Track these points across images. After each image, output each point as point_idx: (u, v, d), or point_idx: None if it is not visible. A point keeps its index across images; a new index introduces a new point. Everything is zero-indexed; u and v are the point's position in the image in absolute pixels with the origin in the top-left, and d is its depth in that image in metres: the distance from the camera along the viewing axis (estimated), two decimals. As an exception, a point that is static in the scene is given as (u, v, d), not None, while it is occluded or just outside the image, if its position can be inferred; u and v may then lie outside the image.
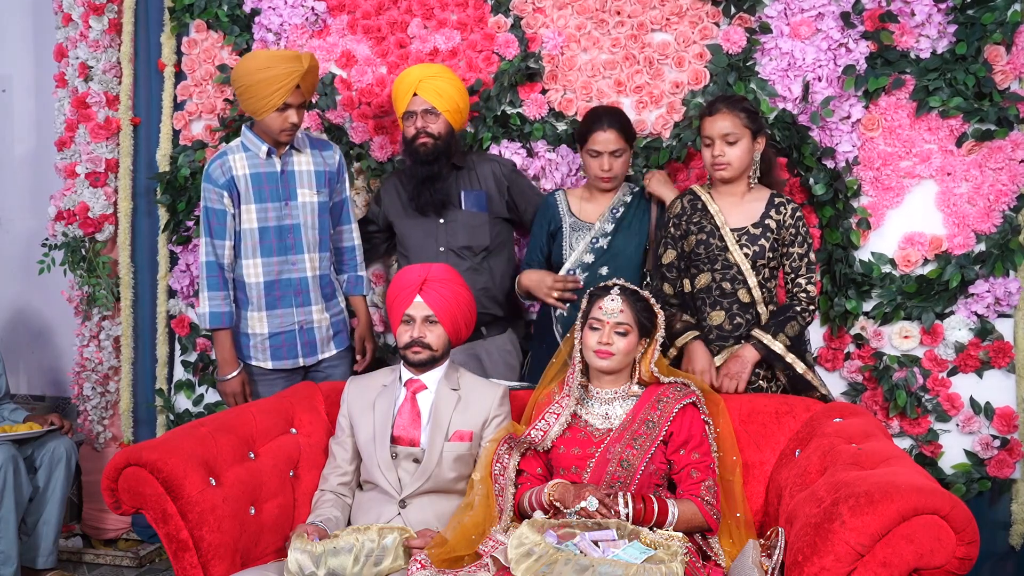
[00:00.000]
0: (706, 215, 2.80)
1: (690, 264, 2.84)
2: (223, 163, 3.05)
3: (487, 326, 3.13)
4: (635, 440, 2.35)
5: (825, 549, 1.93)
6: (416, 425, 2.54)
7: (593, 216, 3.05)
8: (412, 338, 2.55)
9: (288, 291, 3.09)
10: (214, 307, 3.05)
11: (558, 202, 3.13)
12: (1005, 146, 3.03)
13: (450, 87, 3.09)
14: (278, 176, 3.07)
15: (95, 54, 3.73)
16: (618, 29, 3.30)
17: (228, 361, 3.08)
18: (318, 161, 3.13)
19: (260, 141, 3.05)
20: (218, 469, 2.38)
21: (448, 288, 2.58)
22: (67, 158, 3.81)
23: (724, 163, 2.73)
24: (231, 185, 3.04)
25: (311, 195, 3.09)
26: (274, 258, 3.07)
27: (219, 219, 3.04)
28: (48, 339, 4.29)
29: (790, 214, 2.75)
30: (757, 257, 2.74)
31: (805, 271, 2.74)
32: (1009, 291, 3.04)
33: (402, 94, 3.10)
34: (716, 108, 2.75)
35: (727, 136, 2.72)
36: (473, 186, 3.18)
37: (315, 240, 3.11)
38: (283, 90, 2.89)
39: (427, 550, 2.23)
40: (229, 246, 3.06)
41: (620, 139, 2.94)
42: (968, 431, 3.10)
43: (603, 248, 3.01)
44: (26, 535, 3.38)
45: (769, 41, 3.18)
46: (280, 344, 3.11)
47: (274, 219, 3.06)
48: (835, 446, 2.27)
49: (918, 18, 3.05)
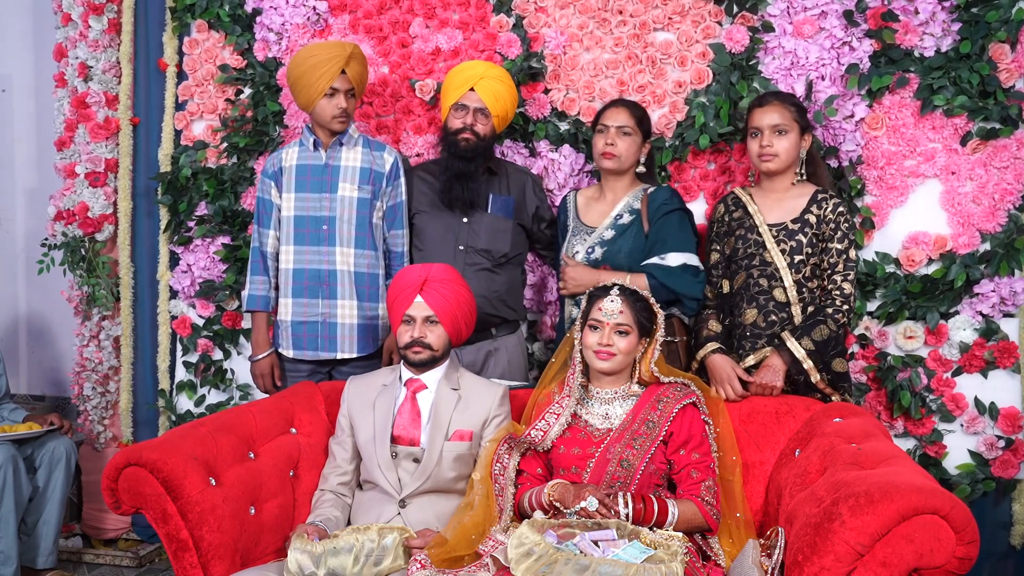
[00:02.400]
0: (746, 213, 2.81)
1: (731, 263, 2.83)
2: (277, 155, 3.16)
3: (497, 327, 3.11)
4: (635, 440, 2.34)
5: (825, 549, 1.92)
6: (416, 425, 2.54)
7: (597, 218, 3.01)
8: (412, 338, 2.54)
9: (315, 281, 3.08)
10: (252, 290, 3.17)
11: (568, 203, 3.11)
12: (1010, 144, 3.02)
13: (507, 92, 3.05)
14: (323, 168, 3.09)
15: (95, 54, 3.74)
16: (620, 28, 3.29)
17: (259, 343, 3.19)
18: (367, 159, 3.12)
19: (310, 134, 3.11)
20: (218, 469, 2.38)
21: (449, 288, 2.57)
22: (67, 158, 3.81)
23: (771, 154, 2.74)
24: (277, 175, 3.12)
25: (352, 190, 3.08)
26: (306, 247, 3.09)
27: (266, 209, 3.14)
28: (48, 339, 4.29)
29: (831, 209, 2.73)
30: (795, 253, 2.72)
31: (843, 268, 2.71)
32: (1014, 291, 3.02)
33: (458, 84, 3.03)
34: (767, 100, 2.78)
35: (777, 127, 2.73)
36: (503, 191, 3.13)
37: (350, 235, 3.08)
38: (328, 74, 2.97)
39: (427, 550, 2.22)
40: (274, 235, 3.15)
41: (630, 118, 2.92)
42: (973, 431, 3.09)
43: (597, 260, 2.93)
44: (26, 535, 3.38)
45: (772, 40, 3.17)
46: (302, 334, 3.11)
47: (311, 209, 3.08)
48: (835, 446, 2.26)
49: (922, 16, 3.03)
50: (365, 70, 3.11)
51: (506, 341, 3.12)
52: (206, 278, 3.71)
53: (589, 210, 3.05)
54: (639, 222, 2.93)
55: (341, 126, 3.07)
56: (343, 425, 2.62)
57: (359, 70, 3.06)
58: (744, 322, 2.76)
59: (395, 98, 3.48)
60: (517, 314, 3.15)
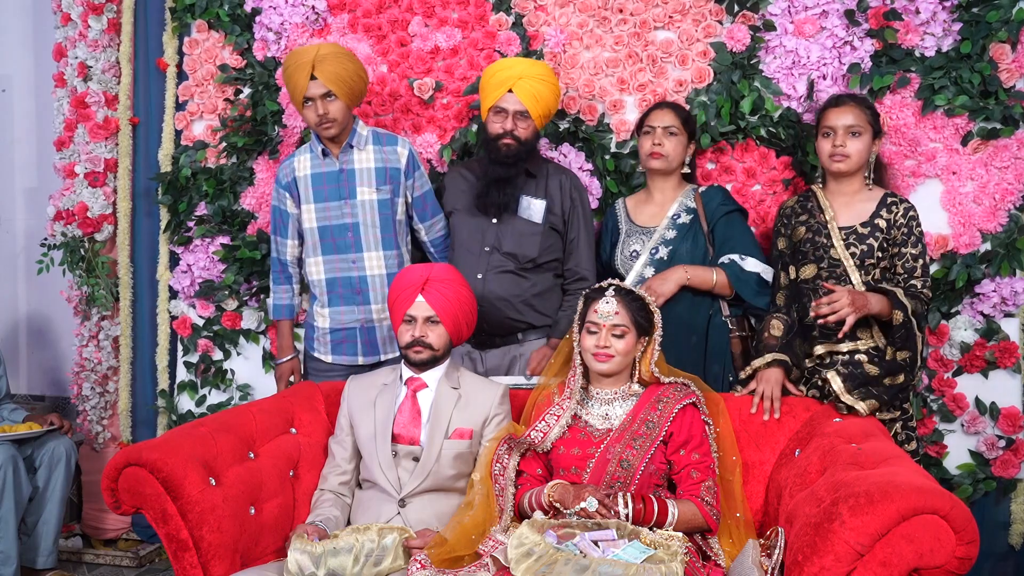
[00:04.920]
0: (816, 211, 2.79)
1: (796, 253, 2.82)
2: (289, 164, 3.11)
3: (524, 332, 3.04)
4: (635, 440, 2.33)
5: (825, 549, 1.92)
6: (416, 423, 2.53)
7: (649, 219, 2.98)
8: (413, 337, 2.54)
9: (348, 289, 3.06)
10: (277, 300, 3.23)
11: (618, 210, 3.08)
12: (1011, 144, 3.01)
13: (548, 92, 2.95)
14: (337, 175, 3.05)
15: (94, 54, 3.73)
16: (620, 27, 3.29)
17: (283, 348, 3.26)
18: (379, 158, 3.07)
19: (318, 142, 3.06)
20: (218, 469, 2.38)
21: (450, 288, 2.57)
22: (66, 158, 3.81)
23: (844, 154, 2.72)
24: (292, 186, 3.09)
25: (371, 193, 3.04)
26: (334, 256, 3.07)
27: (282, 219, 3.14)
28: (48, 339, 4.29)
29: (902, 213, 2.71)
30: (865, 257, 2.70)
31: (920, 273, 2.68)
32: (1015, 291, 3.02)
33: (495, 85, 2.93)
34: (843, 101, 2.77)
35: (851, 127, 2.72)
36: (538, 194, 3.03)
37: (376, 239, 3.05)
38: (300, 84, 2.92)
39: (427, 550, 2.22)
40: (292, 244, 3.16)
41: (676, 118, 2.92)
42: (973, 431, 3.09)
43: (663, 260, 2.90)
44: (26, 535, 3.37)
45: (773, 39, 3.17)
46: (341, 340, 3.11)
47: (333, 218, 3.05)
48: (835, 446, 2.26)
49: (923, 16, 3.03)
50: (342, 66, 2.93)
51: (533, 347, 3.04)
52: (206, 278, 3.70)
53: (640, 212, 3.02)
54: (698, 221, 2.93)
55: (328, 132, 2.98)
56: (343, 424, 2.62)
57: (332, 69, 2.90)
58: (813, 318, 2.70)
59: (393, 97, 3.48)
60: (547, 319, 3.05)
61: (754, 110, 3.18)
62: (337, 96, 2.94)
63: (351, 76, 2.96)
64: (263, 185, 3.62)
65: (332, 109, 2.94)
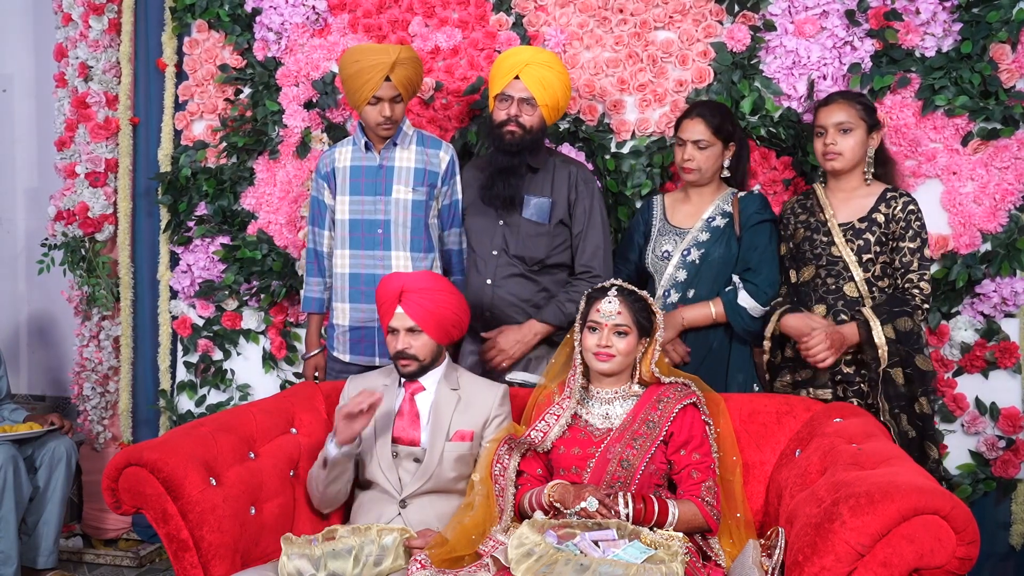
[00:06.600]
0: (816, 210, 2.79)
1: (796, 256, 2.82)
2: (330, 154, 3.09)
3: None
4: (635, 440, 2.33)
5: (825, 549, 1.92)
6: (415, 426, 2.53)
7: (685, 220, 2.94)
8: (397, 350, 2.53)
9: (372, 287, 2.93)
10: (308, 292, 3.19)
11: (653, 206, 3.03)
12: (1011, 145, 3.01)
13: (556, 79, 2.89)
14: (376, 170, 3.02)
15: (95, 54, 3.73)
16: (621, 27, 3.29)
17: (310, 343, 3.23)
18: (421, 159, 3.03)
19: (362, 135, 3.04)
20: (218, 469, 2.37)
21: (428, 297, 2.53)
22: (67, 158, 3.81)
23: (835, 152, 2.72)
24: (330, 177, 3.06)
25: (406, 192, 2.99)
26: (361, 251, 3.02)
27: (320, 209, 3.11)
28: (48, 339, 4.29)
29: (901, 207, 2.70)
30: (863, 252, 2.70)
31: (918, 267, 2.67)
32: (1015, 291, 3.02)
33: (502, 73, 2.90)
34: (832, 99, 2.77)
35: (841, 125, 2.71)
36: (543, 193, 2.98)
37: (406, 239, 2.99)
38: (371, 83, 2.86)
39: (427, 550, 2.22)
40: (329, 235, 3.11)
41: (706, 129, 2.84)
42: (974, 431, 3.09)
43: (695, 263, 2.87)
44: (26, 535, 3.38)
45: (773, 39, 3.17)
46: (359, 339, 3.04)
47: (366, 212, 3.01)
48: (835, 446, 2.26)
49: (923, 16, 3.03)
50: (415, 72, 2.96)
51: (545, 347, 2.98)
52: (206, 278, 3.70)
53: (676, 212, 2.98)
54: (731, 226, 2.88)
55: (387, 132, 2.97)
56: None
57: (406, 74, 2.91)
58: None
59: (394, 97, 3.48)
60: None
61: (754, 110, 3.18)
62: (403, 100, 2.96)
63: (418, 82, 3.01)
64: (263, 185, 3.62)
65: (398, 112, 2.95)
